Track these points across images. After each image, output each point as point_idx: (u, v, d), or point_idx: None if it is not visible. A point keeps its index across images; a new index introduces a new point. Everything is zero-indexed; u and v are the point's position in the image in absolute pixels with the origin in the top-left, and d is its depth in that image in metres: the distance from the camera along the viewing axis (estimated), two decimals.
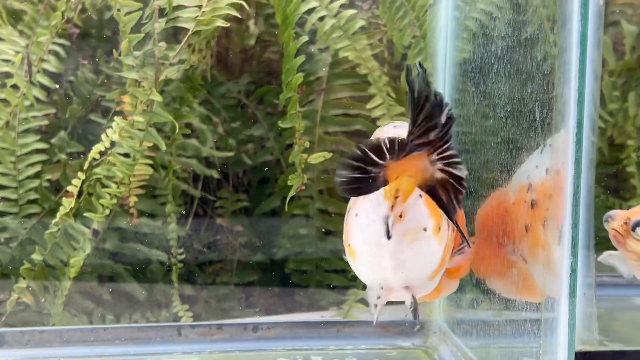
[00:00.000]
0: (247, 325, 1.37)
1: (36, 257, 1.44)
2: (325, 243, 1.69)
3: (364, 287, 1.08)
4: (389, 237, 0.94)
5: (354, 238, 0.99)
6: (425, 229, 0.96)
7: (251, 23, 1.85)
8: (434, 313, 1.37)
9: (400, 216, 0.94)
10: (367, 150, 0.89)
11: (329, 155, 1.43)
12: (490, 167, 1.09)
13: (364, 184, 0.91)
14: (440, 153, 0.90)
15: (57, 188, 1.62)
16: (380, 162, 0.89)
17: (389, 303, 1.07)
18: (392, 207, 0.93)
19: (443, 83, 1.37)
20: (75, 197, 1.38)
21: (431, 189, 0.92)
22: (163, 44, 1.36)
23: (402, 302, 1.04)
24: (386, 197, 0.93)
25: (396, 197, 0.93)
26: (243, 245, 1.79)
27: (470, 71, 1.19)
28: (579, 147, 0.83)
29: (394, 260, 0.96)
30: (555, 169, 0.90)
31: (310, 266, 1.71)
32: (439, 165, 0.90)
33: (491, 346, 1.10)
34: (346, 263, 1.08)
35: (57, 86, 1.69)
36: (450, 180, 0.90)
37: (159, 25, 1.35)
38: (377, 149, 0.89)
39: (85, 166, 1.39)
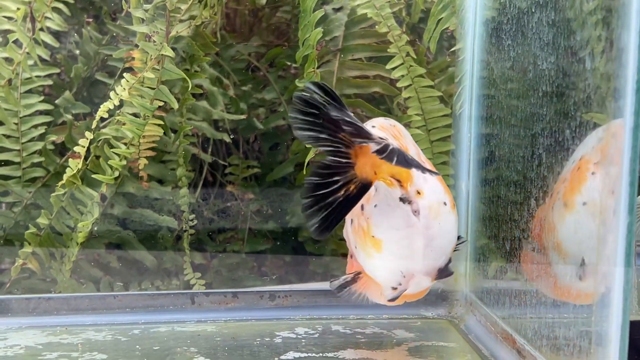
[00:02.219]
0: (264, 293, 1.31)
1: (42, 221, 1.37)
2: None
3: None
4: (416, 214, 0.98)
5: (379, 228, 1.00)
6: (445, 203, 1.00)
7: None
8: (459, 282, 1.30)
9: (419, 193, 0.98)
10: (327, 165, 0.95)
11: None
12: (529, 124, 1.02)
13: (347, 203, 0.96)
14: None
15: (62, 151, 1.55)
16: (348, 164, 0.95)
17: None
18: (404, 187, 0.97)
19: (472, 41, 1.29)
20: (82, 158, 1.31)
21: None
22: None
23: None
24: (390, 185, 0.97)
25: (398, 180, 0.97)
26: (254, 213, 1.73)
27: (505, 22, 1.11)
28: (638, 98, 0.75)
29: (425, 237, 0.99)
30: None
31: None
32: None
33: (527, 316, 1.03)
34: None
35: (61, 45, 1.62)
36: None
37: None
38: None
39: (93, 125, 1.31)
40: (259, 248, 1.70)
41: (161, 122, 1.37)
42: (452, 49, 1.45)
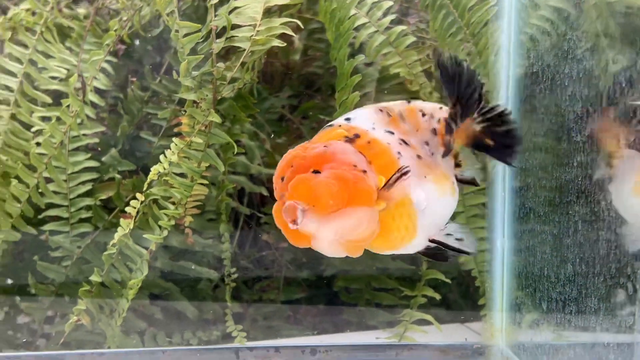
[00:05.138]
0: (305, 348, 1.36)
1: (94, 278, 1.43)
2: (375, 261, 1.67)
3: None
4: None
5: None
6: None
7: (295, 38, 1.84)
8: (496, 337, 1.34)
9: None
10: None
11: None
12: (565, 191, 1.06)
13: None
14: (480, 111, 0.99)
15: (107, 206, 1.61)
16: None
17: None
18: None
19: (505, 101, 1.34)
20: (133, 218, 1.37)
21: (477, 144, 1.01)
22: (222, 65, 1.35)
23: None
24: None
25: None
26: (289, 262, 1.77)
27: (538, 92, 1.17)
28: None
29: None
30: None
31: (360, 284, 1.69)
32: (479, 120, 0.99)
33: None
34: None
35: (106, 102, 1.69)
36: (494, 123, 0.99)
37: (217, 45, 1.33)
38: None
39: (145, 187, 1.38)
40: (294, 297, 1.74)
41: (207, 182, 1.43)
42: None
